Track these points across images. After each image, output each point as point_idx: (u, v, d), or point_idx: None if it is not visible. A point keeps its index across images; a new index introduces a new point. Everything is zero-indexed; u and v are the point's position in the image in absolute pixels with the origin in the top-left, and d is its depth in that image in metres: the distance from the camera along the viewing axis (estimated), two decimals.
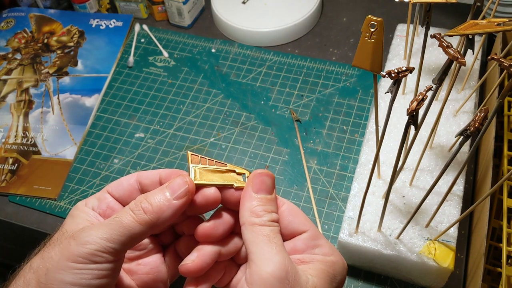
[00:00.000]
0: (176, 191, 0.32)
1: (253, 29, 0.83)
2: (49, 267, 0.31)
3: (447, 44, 0.37)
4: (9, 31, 0.90)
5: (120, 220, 0.32)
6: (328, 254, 0.32)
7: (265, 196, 0.33)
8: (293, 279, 0.29)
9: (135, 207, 0.32)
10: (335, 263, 0.32)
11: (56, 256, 0.31)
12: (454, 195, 0.56)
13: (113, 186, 0.38)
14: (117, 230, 0.31)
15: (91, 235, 0.31)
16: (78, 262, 0.30)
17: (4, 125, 0.77)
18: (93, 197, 0.37)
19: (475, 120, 0.36)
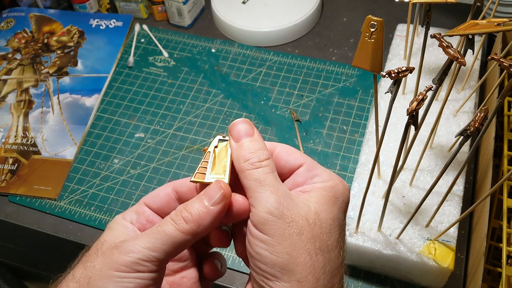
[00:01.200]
0: (213, 197, 0.33)
1: (253, 29, 0.83)
2: (91, 276, 0.31)
3: (447, 44, 0.37)
4: (9, 31, 0.90)
5: (162, 230, 0.32)
6: (326, 180, 0.33)
7: (247, 139, 0.34)
8: (291, 212, 0.30)
9: (175, 217, 0.33)
10: (334, 186, 0.33)
11: (98, 265, 0.31)
12: (454, 195, 0.56)
13: (150, 198, 0.37)
14: (159, 239, 0.31)
15: (134, 244, 0.31)
16: (120, 270, 0.31)
17: (4, 125, 0.77)
18: (130, 210, 0.37)
19: (475, 120, 0.36)
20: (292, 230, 0.30)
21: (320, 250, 0.30)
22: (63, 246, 0.74)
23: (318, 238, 0.30)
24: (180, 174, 0.69)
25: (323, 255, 0.30)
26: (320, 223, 0.31)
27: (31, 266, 0.98)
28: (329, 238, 0.31)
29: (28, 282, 1.11)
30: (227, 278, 0.59)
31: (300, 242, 0.30)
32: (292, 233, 0.30)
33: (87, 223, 0.65)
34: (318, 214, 0.31)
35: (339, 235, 0.31)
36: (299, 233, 0.30)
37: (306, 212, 0.31)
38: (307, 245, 0.30)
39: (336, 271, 0.31)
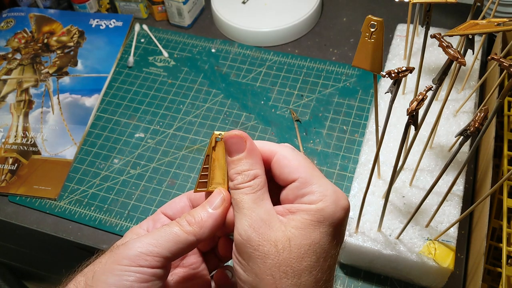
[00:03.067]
0: (213, 203, 0.34)
1: (253, 29, 0.83)
2: (96, 270, 0.32)
3: (447, 44, 0.37)
4: (9, 31, 0.90)
5: (167, 228, 0.33)
6: (315, 201, 0.32)
7: (237, 157, 0.34)
8: (260, 237, 0.31)
9: (180, 220, 0.34)
10: (321, 209, 0.32)
11: (104, 260, 0.33)
12: (454, 195, 0.56)
13: (167, 207, 0.39)
14: (163, 237, 0.33)
15: (139, 240, 0.33)
16: (122, 264, 0.32)
17: (4, 125, 0.77)
18: (147, 220, 0.38)
19: (475, 120, 0.36)
20: (257, 253, 0.31)
21: (285, 274, 0.30)
22: (63, 246, 0.74)
23: (285, 263, 0.30)
24: (180, 174, 0.69)
25: (289, 279, 0.30)
26: (290, 249, 0.30)
27: (30, 266, 0.98)
28: (300, 263, 0.30)
29: (28, 282, 1.11)
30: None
31: (265, 265, 0.30)
32: (257, 256, 0.31)
33: (87, 223, 0.65)
34: (289, 240, 0.31)
35: (316, 259, 0.31)
36: (263, 257, 0.30)
37: (277, 237, 0.31)
38: (271, 269, 0.30)
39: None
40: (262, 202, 0.32)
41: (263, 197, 0.33)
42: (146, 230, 0.37)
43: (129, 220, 0.65)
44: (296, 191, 0.33)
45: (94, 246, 0.63)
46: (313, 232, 0.31)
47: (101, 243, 0.63)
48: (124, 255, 0.32)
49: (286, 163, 0.33)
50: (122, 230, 0.64)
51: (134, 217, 0.65)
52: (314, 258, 0.31)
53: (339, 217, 0.32)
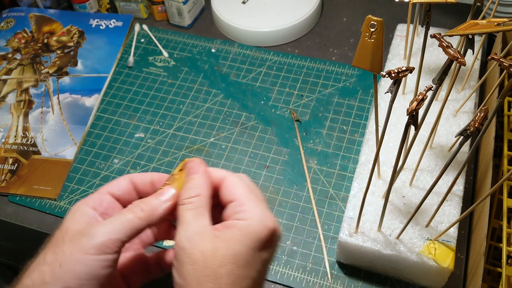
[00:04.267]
0: (165, 195, 0.40)
1: (253, 29, 0.83)
2: (62, 260, 0.35)
3: (447, 44, 0.37)
4: (9, 31, 0.90)
5: (123, 216, 0.38)
6: (244, 219, 0.37)
7: (191, 177, 0.40)
8: (192, 246, 0.36)
9: (134, 207, 0.39)
10: (248, 226, 0.36)
11: (68, 250, 0.35)
12: (454, 195, 0.56)
13: (113, 187, 0.42)
14: (121, 225, 0.37)
15: (99, 230, 0.36)
16: (89, 254, 0.35)
17: (4, 125, 0.77)
18: (92, 197, 0.41)
19: (475, 120, 0.36)
20: (188, 260, 0.35)
21: (208, 278, 0.35)
22: None
23: (209, 268, 0.35)
24: None
25: (210, 282, 0.35)
26: (215, 257, 0.35)
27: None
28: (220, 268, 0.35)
29: None
30: None
31: (192, 270, 0.35)
32: (187, 262, 0.35)
33: None
34: (217, 250, 0.35)
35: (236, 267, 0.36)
36: (192, 263, 0.35)
37: (206, 247, 0.36)
38: (197, 273, 0.35)
39: None
40: (200, 218, 0.37)
41: (202, 214, 0.38)
42: (93, 208, 0.40)
43: None
44: (233, 209, 0.38)
45: None
46: (237, 244, 0.36)
47: None
48: (90, 245, 0.35)
49: (229, 187, 0.39)
50: None
51: None
52: (235, 266, 0.35)
53: (264, 234, 0.37)
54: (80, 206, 0.40)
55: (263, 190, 0.66)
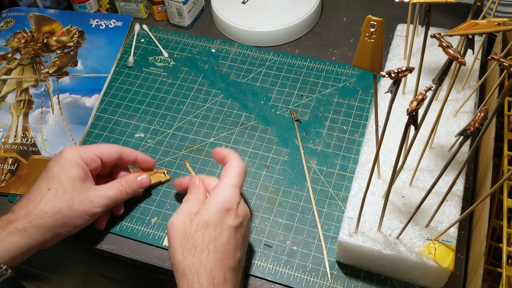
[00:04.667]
0: (143, 184, 0.63)
1: (253, 29, 0.83)
2: (73, 215, 0.55)
3: (447, 44, 0.37)
4: (8, 31, 0.90)
5: (114, 194, 0.59)
6: (212, 196, 0.53)
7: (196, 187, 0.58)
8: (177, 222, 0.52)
9: (122, 188, 0.60)
10: (213, 200, 0.53)
11: (79, 209, 0.56)
12: (454, 195, 0.56)
13: (102, 152, 0.60)
14: (112, 200, 0.59)
15: (100, 202, 0.57)
16: (90, 215, 0.57)
17: (4, 125, 0.77)
18: (85, 154, 0.59)
19: (475, 120, 0.36)
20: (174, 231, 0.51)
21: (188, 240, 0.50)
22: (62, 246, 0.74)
23: (188, 234, 0.51)
24: (180, 174, 0.69)
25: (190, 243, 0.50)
26: (191, 225, 0.51)
27: (29, 266, 0.98)
28: (195, 233, 0.51)
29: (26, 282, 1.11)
30: None
31: (177, 237, 0.51)
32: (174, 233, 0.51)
33: None
34: (193, 220, 0.52)
35: (207, 230, 0.50)
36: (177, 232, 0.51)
37: (187, 220, 0.52)
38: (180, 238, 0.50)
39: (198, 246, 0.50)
40: (189, 208, 0.53)
41: (191, 206, 0.53)
42: (85, 163, 0.58)
43: (129, 220, 0.65)
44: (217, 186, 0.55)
45: (94, 246, 0.63)
46: (207, 213, 0.51)
47: (101, 243, 0.63)
48: (92, 211, 0.57)
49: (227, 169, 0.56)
50: (122, 230, 0.64)
51: (134, 217, 0.65)
52: (205, 230, 0.50)
53: (224, 206, 0.52)
54: (77, 158, 0.57)
55: (263, 190, 0.66)
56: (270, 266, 0.60)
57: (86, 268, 0.89)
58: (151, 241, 0.63)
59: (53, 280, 1.06)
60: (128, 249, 0.63)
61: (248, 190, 0.67)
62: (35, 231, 0.53)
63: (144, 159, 0.65)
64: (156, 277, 0.69)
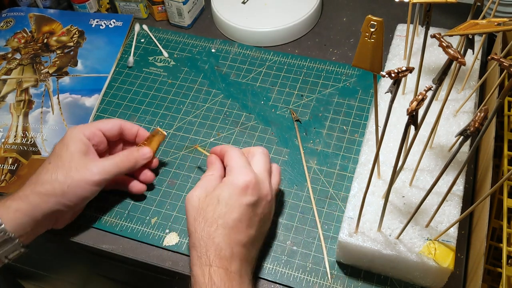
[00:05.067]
0: (145, 154, 0.64)
1: (253, 29, 0.83)
2: (71, 184, 0.57)
3: (447, 44, 0.37)
4: (8, 31, 0.91)
5: (114, 162, 0.60)
6: (229, 175, 0.55)
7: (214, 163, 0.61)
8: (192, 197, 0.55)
9: (123, 156, 0.61)
10: (229, 179, 0.54)
11: (76, 178, 0.57)
12: (454, 195, 0.56)
13: (104, 126, 0.63)
14: (112, 169, 0.59)
15: (98, 170, 0.58)
16: (88, 185, 0.57)
17: (4, 125, 0.77)
18: (87, 129, 0.61)
19: (475, 120, 0.36)
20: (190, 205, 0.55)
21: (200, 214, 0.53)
22: (62, 246, 0.74)
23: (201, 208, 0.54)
24: (180, 174, 0.69)
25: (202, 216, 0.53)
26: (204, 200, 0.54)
27: (29, 266, 0.98)
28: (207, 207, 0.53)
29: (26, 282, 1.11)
30: None
31: (191, 210, 0.54)
32: (190, 206, 0.55)
33: (86, 223, 0.65)
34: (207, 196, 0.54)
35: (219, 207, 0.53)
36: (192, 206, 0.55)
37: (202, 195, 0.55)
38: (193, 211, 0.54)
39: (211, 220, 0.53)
40: (207, 184, 0.56)
41: (210, 182, 0.56)
42: (88, 139, 0.60)
43: (129, 220, 0.65)
44: (227, 172, 0.56)
45: (93, 246, 0.63)
46: (220, 190, 0.54)
47: (101, 243, 0.63)
48: (91, 180, 0.57)
49: (227, 158, 0.58)
50: (122, 230, 0.64)
51: (134, 217, 0.65)
52: (217, 205, 0.53)
53: (240, 184, 0.53)
54: (79, 134, 0.60)
55: None
56: (270, 266, 0.60)
57: (86, 268, 0.89)
58: (151, 241, 0.63)
59: (53, 280, 1.06)
60: (128, 249, 0.63)
61: None
62: (35, 198, 0.55)
63: (144, 134, 0.66)
64: (156, 277, 0.69)
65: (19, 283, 1.10)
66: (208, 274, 0.49)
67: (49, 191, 0.56)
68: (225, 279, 0.49)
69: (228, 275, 0.50)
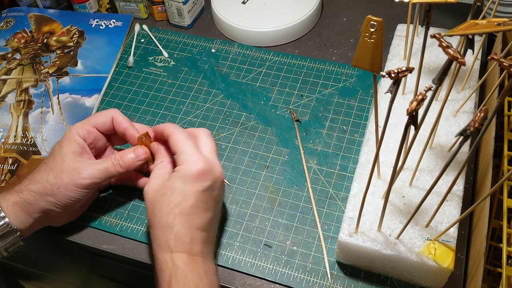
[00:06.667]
0: (140, 156, 0.60)
1: (253, 29, 0.83)
2: (60, 185, 0.56)
3: (447, 44, 0.37)
4: (8, 31, 0.91)
5: (106, 166, 0.59)
6: (182, 163, 0.54)
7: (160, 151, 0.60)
8: (149, 188, 0.55)
9: (114, 161, 0.59)
10: (182, 167, 0.54)
11: (65, 180, 0.57)
12: (454, 195, 0.56)
13: (97, 121, 0.62)
14: (104, 172, 0.58)
15: (88, 173, 0.57)
16: (78, 187, 0.57)
17: (4, 125, 0.77)
18: (82, 128, 0.61)
19: (475, 120, 0.36)
20: (147, 195, 0.56)
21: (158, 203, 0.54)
22: (62, 246, 0.74)
23: (157, 198, 0.54)
24: None
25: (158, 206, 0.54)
26: (160, 190, 0.55)
27: (29, 266, 0.98)
28: (162, 197, 0.54)
29: (25, 282, 1.11)
30: (226, 278, 0.59)
31: (150, 200, 0.55)
32: (148, 196, 0.56)
33: (86, 223, 0.65)
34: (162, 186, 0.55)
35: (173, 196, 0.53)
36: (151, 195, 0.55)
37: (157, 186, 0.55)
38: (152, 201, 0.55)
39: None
40: (161, 171, 0.57)
41: (163, 169, 0.57)
42: (83, 139, 0.60)
43: (129, 220, 0.65)
44: (177, 158, 0.55)
45: (93, 246, 0.63)
46: (175, 180, 0.54)
47: (101, 243, 0.63)
48: (80, 183, 0.57)
49: (174, 142, 0.56)
50: (122, 230, 0.64)
51: (134, 217, 0.65)
52: (172, 195, 0.53)
53: (193, 172, 0.53)
54: (73, 135, 0.60)
55: (263, 190, 0.66)
56: (270, 266, 0.60)
57: (86, 268, 0.89)
58: None
59: (53, 280, 1.06)
60: (128, 249, 0.63)
61: (248, 190, 0.67)
62: (28, 195, 0.56)
63: (140, 127, 0.64)
64: None
65: (19, 283, 1.10)
66: (171, 260, 0.51)
67: (40, 190, 0.56)
68: (188, 262, 0.51)
69: (191, 258, 0.51)
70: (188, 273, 0.50)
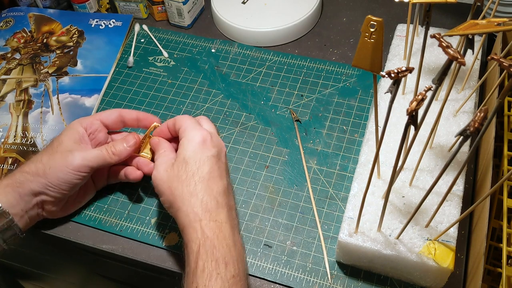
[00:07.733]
0: (129, 143, 0.62)
1: (253, 29, 0.83)
2: (52, 165, 0.57)
3: (447, 44, 0.37)
4: (8, 31, 0.90)
5: (99, 152, 0.60)
6: (184, 137, 0.57)
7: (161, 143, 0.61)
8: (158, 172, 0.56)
9: (108, 147, 0.60)
10: (186, 140, 0.56)
11: (57, 160, 0.58)
12: (454, 195, 0.56)
13: (103, 116, 0.64)
14: (95, 157, 0.59)
15: (80, 155, 0.58)
16: (70, 168, 0.57)
17: (3, 125, 0.77)
18: (86, 119, 0.62)
19: (475, 120, 0.36)
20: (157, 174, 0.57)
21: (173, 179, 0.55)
22: (62, 246, 0.74)
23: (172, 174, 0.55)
24: None
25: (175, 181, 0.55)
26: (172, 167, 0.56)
27: (29, 266, 0.98)
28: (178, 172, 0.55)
29: (25, 282, 1.11)
30: None
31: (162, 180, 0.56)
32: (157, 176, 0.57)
33: (86, 223, 0.65)
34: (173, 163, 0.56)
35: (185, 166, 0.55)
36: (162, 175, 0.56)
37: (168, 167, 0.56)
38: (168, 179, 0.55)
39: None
40: (166, 156, 0.58)
41: (167, 155, 0.58)
42: (84, 128, 0.61)
43: (129, 220, 0.65)
44: (180, 135, 0.58)
45: (93, 246, 0.63)
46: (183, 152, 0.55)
47: (101, 243, 0.63)
48: (70, 163, 0.57)
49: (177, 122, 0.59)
50: (122, 230, 0.64)
51: (134, 217, 0.65)
52: (185, 166, 0.54)
53: (197, 140, 0.56)
54: (75, 124, 0.61)
55: (263, 190, 0.66)
56: (270, 266, 0.60)
57: (86, 268, 0.89)
58: (151, 241, 0.63)
59: (53, 280, 1.06)
60: (128, 249, 0.63)
61: (248, 190, 0.67)
62: (20, 176, 0.57)
63: (146, 116, 0.65)
64: (156, 277, 0.69)
65: (19, 283, 1.10)
66: (200, 229, 0.51)
67: (32, 169, 0.57)
68: (217, 232, 0.51)
69: (219, 226, 0.52)
70: (217, 244, 0.50)
